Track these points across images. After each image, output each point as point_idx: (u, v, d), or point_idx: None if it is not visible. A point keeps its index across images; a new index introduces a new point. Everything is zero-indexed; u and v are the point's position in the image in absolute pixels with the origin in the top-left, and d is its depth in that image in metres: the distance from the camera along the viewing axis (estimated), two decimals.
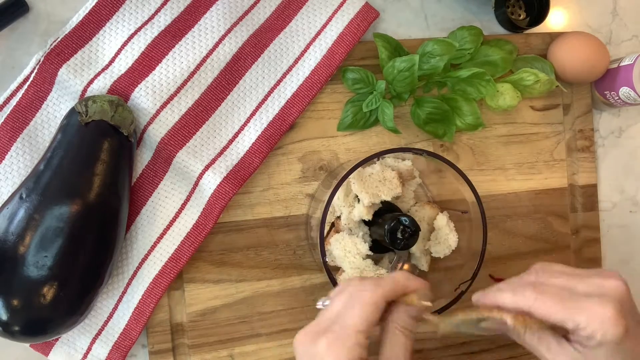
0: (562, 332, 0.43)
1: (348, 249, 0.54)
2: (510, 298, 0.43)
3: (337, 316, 0.42)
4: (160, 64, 0.55)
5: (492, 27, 0.65)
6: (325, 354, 0.41)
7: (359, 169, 0.52)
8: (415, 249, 0.58)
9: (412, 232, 0.53)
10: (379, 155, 0.52)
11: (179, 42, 0.56)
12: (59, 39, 0.54)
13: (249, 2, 0.58)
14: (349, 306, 0.42)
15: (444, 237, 0.56)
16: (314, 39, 0.59)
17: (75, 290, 0.50)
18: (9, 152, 0.54)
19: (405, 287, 0.44)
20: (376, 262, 0.57)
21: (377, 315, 0.42)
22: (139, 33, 0.55)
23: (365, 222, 0.57)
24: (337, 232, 0.56)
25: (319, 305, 0.46)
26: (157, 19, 0.56)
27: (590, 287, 0.42)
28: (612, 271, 0.43)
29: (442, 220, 0.56)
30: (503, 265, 0.64)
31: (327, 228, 0.53)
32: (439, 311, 0.52)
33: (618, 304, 0.40)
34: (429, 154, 0.53)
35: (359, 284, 0.44)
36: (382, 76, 0.59)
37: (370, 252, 0.55)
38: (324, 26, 0.59)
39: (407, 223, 0.53)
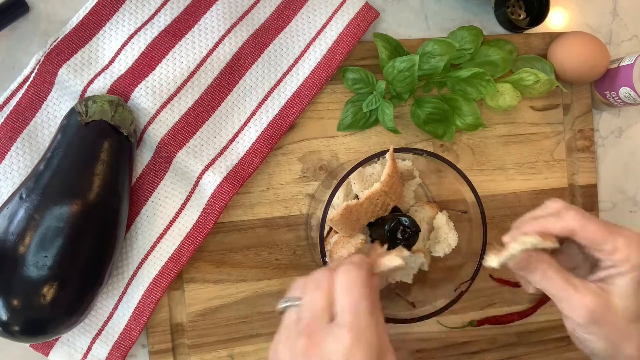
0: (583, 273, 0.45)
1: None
2: (553, 222, 0.45)
3: (323, 311, 0.39)
4: (160, 64, 0.55)
5: (492, 27, 0.65)
6: (351, 351, 0.36)
7: (359, 169, 0.52)
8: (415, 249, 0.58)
9: (413, 232, 0.53)
10: (379, 155, 0.52)
11: (179, 42, 0.56)
12: (59, 39, 0.54)
13: (249, 2, 0.58)
14: (345, 293, 0.39)
15: (443, 235, 0.56)
16: (314, 39, 0.59)
17: (75, 290, 0.50)
18: (9, 152, 0.54)
19: (374, 256, 0.44)
20: None
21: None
22: (139, 33, 0.55)
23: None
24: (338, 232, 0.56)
25: (285, 304, 0.42)
26: (157, 19, 0.56)
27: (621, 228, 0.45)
28: None
29: (442, 219, 0.56)
30: None
31: (327, 228, 0.53)
32: (439, 311, 0.52)
33: None
34: (429, 154, 0.53)
35: (346, 268, 0.41)
36: (382, 76, 0.59)
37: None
38: (324, 26, 0.59)
39: (407, 223, 0.53)
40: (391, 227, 0.53)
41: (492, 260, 0.44)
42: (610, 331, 0.43)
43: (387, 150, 0.52)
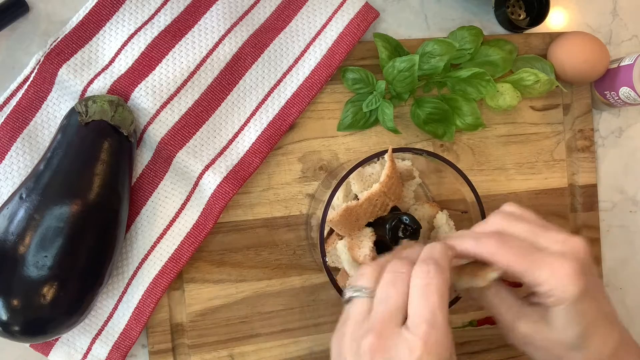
0: (523, 295, 0.44)
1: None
2: (473, 246, 0.42)
3: (397, 310, 0.38)
4: (160, 64, 0.55)
5: (492, 27, 0.65)
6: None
7: (359, 169, 0.52)
8: None
9: (414, 229, 0.53)
10: (379, 155, 0.52)
11: (179, 42, 0.56)
12: (59, 39, 0.54)
13: (249, 2, 0.58)
14: (423, 298, 0.37)
15: (443, 234, 0.56)
16: (314, 39, 0.59)
17: (75, 290, 0.50)
18: (9, 152, 0.54)
19: (452, 251, 0.42)
20: None
21: None
22: (139, 33, 0.55)
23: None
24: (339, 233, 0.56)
25: (354, 294, 0.41)
26: (157, 19, 0.56)
27: (552, 242, 0.41)
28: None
29: (442, 218, 0.56)
30: None
31: (327, 228, 0.53)
32: None
33: (578, 262, 0.39)
34: (429, 154, 0.53)
35: (426, 269, 0.39)
36: (382, 76, 0.59)
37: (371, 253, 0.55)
38: (324, 26, 0.59)
39: (407, 221, 0.53)
40: (392, 226, 0.53)
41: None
42: (546, 356, 0.42)
43: (387, 150, 0.52)
